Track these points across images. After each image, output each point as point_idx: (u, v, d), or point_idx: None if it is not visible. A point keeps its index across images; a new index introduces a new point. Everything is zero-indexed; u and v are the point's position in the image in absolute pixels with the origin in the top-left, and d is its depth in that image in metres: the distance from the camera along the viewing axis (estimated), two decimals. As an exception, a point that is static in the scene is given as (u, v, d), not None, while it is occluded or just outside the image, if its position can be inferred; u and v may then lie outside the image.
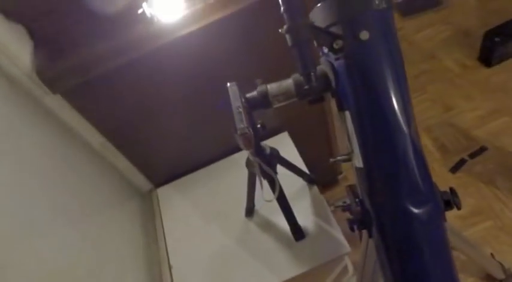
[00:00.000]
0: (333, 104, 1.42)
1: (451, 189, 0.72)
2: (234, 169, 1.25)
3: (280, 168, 0.93)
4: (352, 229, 0.76)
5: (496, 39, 1.77)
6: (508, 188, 1.56)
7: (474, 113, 1.79)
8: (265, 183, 0.94)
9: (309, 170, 1.14)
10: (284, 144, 1.23)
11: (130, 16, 0.83)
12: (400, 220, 0.67)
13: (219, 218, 1.15)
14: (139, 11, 0.80)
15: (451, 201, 0.69)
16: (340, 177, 1.76)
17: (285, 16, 0.61)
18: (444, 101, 1.88)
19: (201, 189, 1.25)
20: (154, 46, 0.88)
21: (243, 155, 1.25)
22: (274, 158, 0.88)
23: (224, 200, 1.19)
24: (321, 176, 1.21)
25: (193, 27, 0.87)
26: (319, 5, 0.64)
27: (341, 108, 0.70)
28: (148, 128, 1.13)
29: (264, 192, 0.89)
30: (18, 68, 0.84)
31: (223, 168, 1.27)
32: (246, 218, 1.12)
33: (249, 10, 0.88)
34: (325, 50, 0.66)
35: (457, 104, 1.85)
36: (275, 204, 1.08)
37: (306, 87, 0.63)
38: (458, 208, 0.71)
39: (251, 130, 0.68)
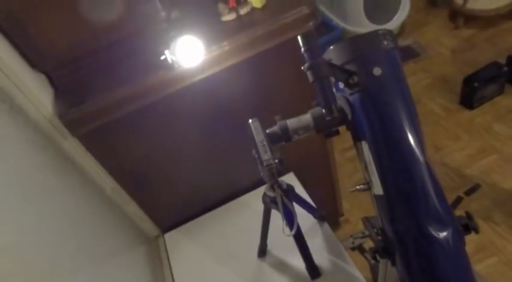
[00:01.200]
0: (335, 144, 1.49)
1: (467, 213, 0.75)
2: (242, 211, 1.25)
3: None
4: (374, 258, 0.78)
5: (475, 84, 1.91)
6: (506, 223, 1.59)
7: (463, 152, 1.88)
8: (280, 219, 0.96)
9: (314, 210, 1.16)
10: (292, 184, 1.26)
11: (152, 63, 0.89)
12: (423, 244, 0.68)
13: (231, 261, 1.14)
14: (162, 58, 0.86)
15: (468, 225, 0.72)
16: (341, 219, 1.77)
17: (305, 55, 0.68)
18: (433, 142, 1.97)
19: (209, 232, 1.24)
20: (172, 90, 0.93)
21: (250, 197, 1.28)
22: (290, 193, 0.90)
23: (234, 242, 1.18)
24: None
25: (209, 72, 0.93)
26: (332, 46, 0.72)
27: (357, 139, 0.74)
28: (160, 173, 1.15)
29: (282, 227, 0.90)
30: (41, 113, 0.87)
31: (231, 211, 1.28)
32: (258, 259, 1.11)
33: (261, 56, 0.95)
34: (341, 85, 0.73)
35: (445, 144, 1.94)
36: (287, 242, 1.08)
37: (328, 118, 0.68)
38: (476, 232, 0.73)
39: (275, 162, 0.71)
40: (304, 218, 1.13)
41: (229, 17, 0.96)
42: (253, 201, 1.26)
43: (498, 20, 2.43)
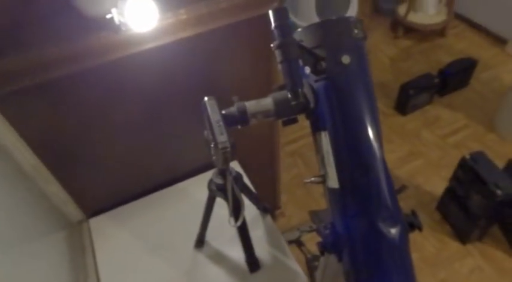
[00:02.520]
0: (285, 139, 1.47)
1: (413, 211, 0.77)
2: (182, 198, 1.17)
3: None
4: (322, 253, 0.76)
5: (411, 91, 2.03)
6: (427, 223, 1.72)
7: (394, 155, 1.99)
8: (221, 209, 0.90)
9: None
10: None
11: (95, 21, 0.76)
12: (373, 239, 0.68)
13: (164, 251, 1.05)
14: (108, 16, 0.74)
15: (414, 223, 0.73)
16: (277, 212, 1.77)
17: (275, 32, 0.63)
18: (369, 143, 2.06)
19: (142, 219, 1.14)
20: (115, 56, 0.82)
21: (191, 183, 1.20)
22: (239, 182, 0.85)
23: (170, 231, 1.10)
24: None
25: (160, 42, 0.83)
26: (303, 28, 0.68)
27: (317, 129, 0.71)
28: (89, 150, 1.02)
29: (228, 217, 0.84)
30: None
31: (169, 197, 1.18)
32: (195, 250, 1.04)
33: (221, 31, 0.88)
34: (307, 70, 0.69)
35: (379, 146, 2.04)
36: (227, 233, 1.03)
37: (293, 103, 0.64)
38: (420, 230, 0.75)
39: (230, 145, 0.65)
40: (248, 209, 1.08)
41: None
42: (194, 188, 1.18)
43: (433, 36, 2.61)
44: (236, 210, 0.80)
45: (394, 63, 2.49)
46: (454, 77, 2.13)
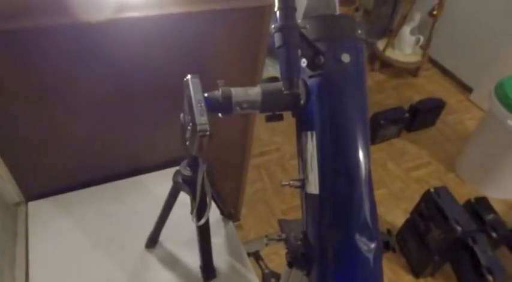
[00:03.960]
0: (252, 151, 1.41)
1: (388, 230, 0.74)
2: (139, 191, 1.07)
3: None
4: (290, 265, 0.70)
5: (382, 121, 2.06)
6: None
7: (359, 182, 1.98)
8: (180, 207, 0.82)
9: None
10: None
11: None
12: (347, 253, 0.63)
13: (109, 247, 0.94)
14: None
15: (389, 243, 0.70)
16: (235, 224, 1.68)
17: (278, 14, 0.58)
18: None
19: (91, 210, 1.02)
20: (90, 19, 0.73)
21: (151, 178, 1.10)
22: (209, 176, 0.77)
23: (119, 225, 0.99)
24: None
25: (144, 13, 0.76)
26: (308, 18, 0.64)
27: (304, 129, 0.67)
28: (39, 122, 0.89)
29: (191, 214, 0.76)
30: None
31: (125, 189, 1.08)
32: (145, 250, 0.94)
33: (212, 15, 0.82)
34: (303, 64, 0.64)
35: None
36: (183, 235, 0.94)
37: (286, 92, 0.58)
38: (394, 251, 0.72)
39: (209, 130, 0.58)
40: (211, 212, 1.00)
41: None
42: (155, 183, 1.08)
43: (406, 74, 2.71)
44: (201, 207, 0.72)
45: (368, 94, 2.54)
46: (423, 115, 2.20)
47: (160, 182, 0.88)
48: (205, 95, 0.65)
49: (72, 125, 0.93)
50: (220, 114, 0.67)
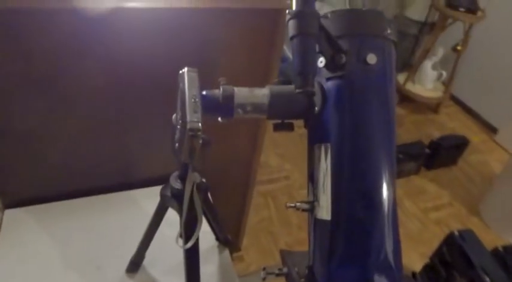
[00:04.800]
0: (260, 177, 1.30)
1: (414, 274, 0.60)
2: (125, 208, 0.96)
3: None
4: (291, 305, 0.57)
5: (400, 156, 1.93)
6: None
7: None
8: (168, 228, 0.70)
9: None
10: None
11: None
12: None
13: (86, 268, 0.82)
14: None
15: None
16: (235, 255, 1.54)
17: (295, 1, 0.49)
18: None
19: (72, 223, 0.91)
20: (89, 5, 0.66)
21: (142, 194, 1.00)
22: (202, 193, 0.66)
23: (99, 244, 0.87)
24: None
25: (149, 4, 0.68)
26: (331, 12, 0.55)
27: (317, 141, 0.56)
28: (23, 117, 0.81)
29: (177, 235, 0.64)
30: None
31: (112, 204, 0.97)
32: (126, 274, 0.82)
33: (221, 13, 0.74)
34: (321, 63, 0.54)
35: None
36: (170, 260, 0.82)
37: (299, 90, 0.48)
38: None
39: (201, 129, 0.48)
40: (204, 236, 0.88)
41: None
42: (145, 200, 0.97)
43: (426, 110, 2.60)
44: (189, 226, 0.61)
45: (386, 127, 2.43)
46: (445, 152, 2.06)
47: (153, 199, 0.77)
48: (204, 92, 0.55)
49: (58, 124, 0.84)
50: (220, 119, 0.57)
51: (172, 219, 0.71)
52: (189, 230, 0.62)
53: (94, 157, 0.93)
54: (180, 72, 0.54)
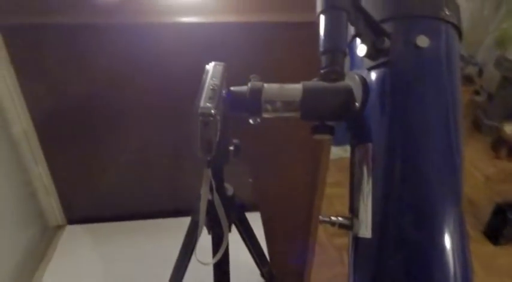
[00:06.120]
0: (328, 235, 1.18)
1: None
2: (176, 234, 0.92)
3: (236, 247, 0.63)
4: None
5: (509, 215, 1.60)
6: None
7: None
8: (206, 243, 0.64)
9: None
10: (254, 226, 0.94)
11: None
12: None
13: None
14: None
15: None
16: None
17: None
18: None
19: (120, 244, 0.91)
20: (146, 20, 0.70)
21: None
22: (234, 208, 0.60)
23: (147, 269, 0.84)
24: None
25: (201, 19, 0.70)
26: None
27: (359, 141, 0.47)
28: (90, 134, 0.86)
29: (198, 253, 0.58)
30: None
31: (163, 229, 0.95)
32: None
33: (266, 27, 0.73)
34: (360, 51, 0.47)
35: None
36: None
37: (325, 70, 0.41)
38: None
39: (218, 118, 0.43)
40: (246, 270, 0.79)
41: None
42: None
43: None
44: (215, 241, 0.53)
45: (490, 183, 2.09)
46: None
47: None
48: (231, 88, 0.51)
49: (116, 143, 0.87)
50: (251, 120, 0.52)
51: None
52: (215, 245, 0.55)
53: (147, 177, 0.94)
54: (206, 66, 0.51)
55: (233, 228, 0.64)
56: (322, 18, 0.42)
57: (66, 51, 0.75)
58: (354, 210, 0.46)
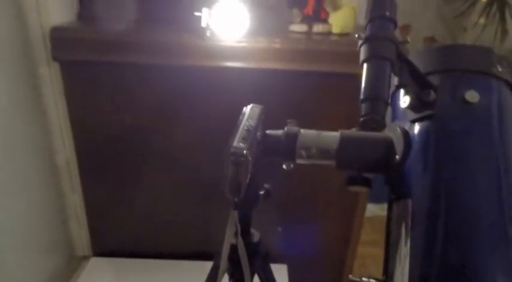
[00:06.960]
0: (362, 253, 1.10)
1: None
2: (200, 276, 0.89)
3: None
4: None
5: None
6: None
7: None
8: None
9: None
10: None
11: (183, 22, 0.72)
12: None
13: None
14: (203, 24, 0.68)
15: None
16: None
17: (368, 24, 0.44)
18: None
19: (146, 280, 0.89)
20: (191, 63, 0.73)
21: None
22: (258, 257, 0.57)
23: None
24: None
25: (244, 64, 0.72)
26: (421, 49, 0.48)
27: (398, 197, 0.44)
28: (128, 167, 0.88)
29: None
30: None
31: (186, 271, 0.92)
32: None
33: (311, 76, 0.73)
34: (403, 103, 0.46)
35: None
36: None
37: (365, 118, 0.39)
38: None
39: (250, 159, 0.42)
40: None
41: (299, 27, 0.78)
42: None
43: None
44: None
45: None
46: None
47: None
48: (267, 131, 0.51)
49: (149, 180, 0.89)
50: (284, 166, 0.51)
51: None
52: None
53: (175, 217, 0.93)
54: (244, 108, 0.51)
55: (256, 278, 0.60)
56: (365, 66, 0.41)
57: (115, 88, 0.79)
58: (388, 273, 0.42)
